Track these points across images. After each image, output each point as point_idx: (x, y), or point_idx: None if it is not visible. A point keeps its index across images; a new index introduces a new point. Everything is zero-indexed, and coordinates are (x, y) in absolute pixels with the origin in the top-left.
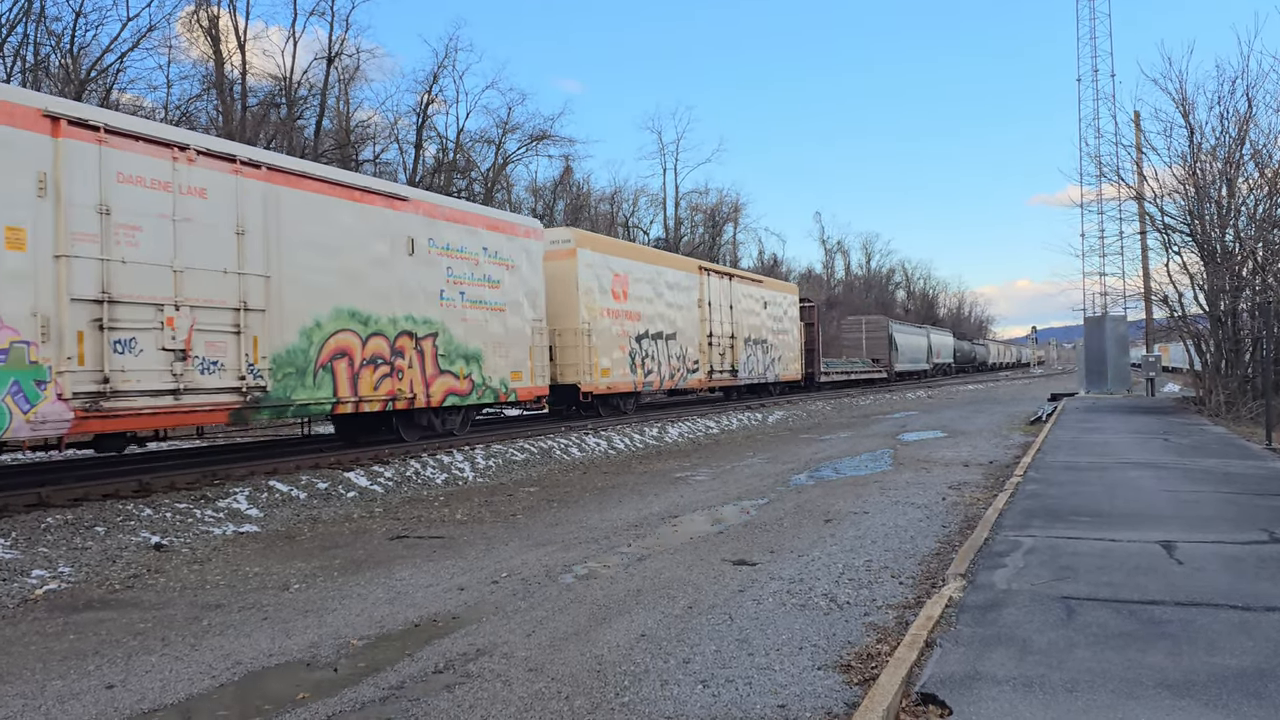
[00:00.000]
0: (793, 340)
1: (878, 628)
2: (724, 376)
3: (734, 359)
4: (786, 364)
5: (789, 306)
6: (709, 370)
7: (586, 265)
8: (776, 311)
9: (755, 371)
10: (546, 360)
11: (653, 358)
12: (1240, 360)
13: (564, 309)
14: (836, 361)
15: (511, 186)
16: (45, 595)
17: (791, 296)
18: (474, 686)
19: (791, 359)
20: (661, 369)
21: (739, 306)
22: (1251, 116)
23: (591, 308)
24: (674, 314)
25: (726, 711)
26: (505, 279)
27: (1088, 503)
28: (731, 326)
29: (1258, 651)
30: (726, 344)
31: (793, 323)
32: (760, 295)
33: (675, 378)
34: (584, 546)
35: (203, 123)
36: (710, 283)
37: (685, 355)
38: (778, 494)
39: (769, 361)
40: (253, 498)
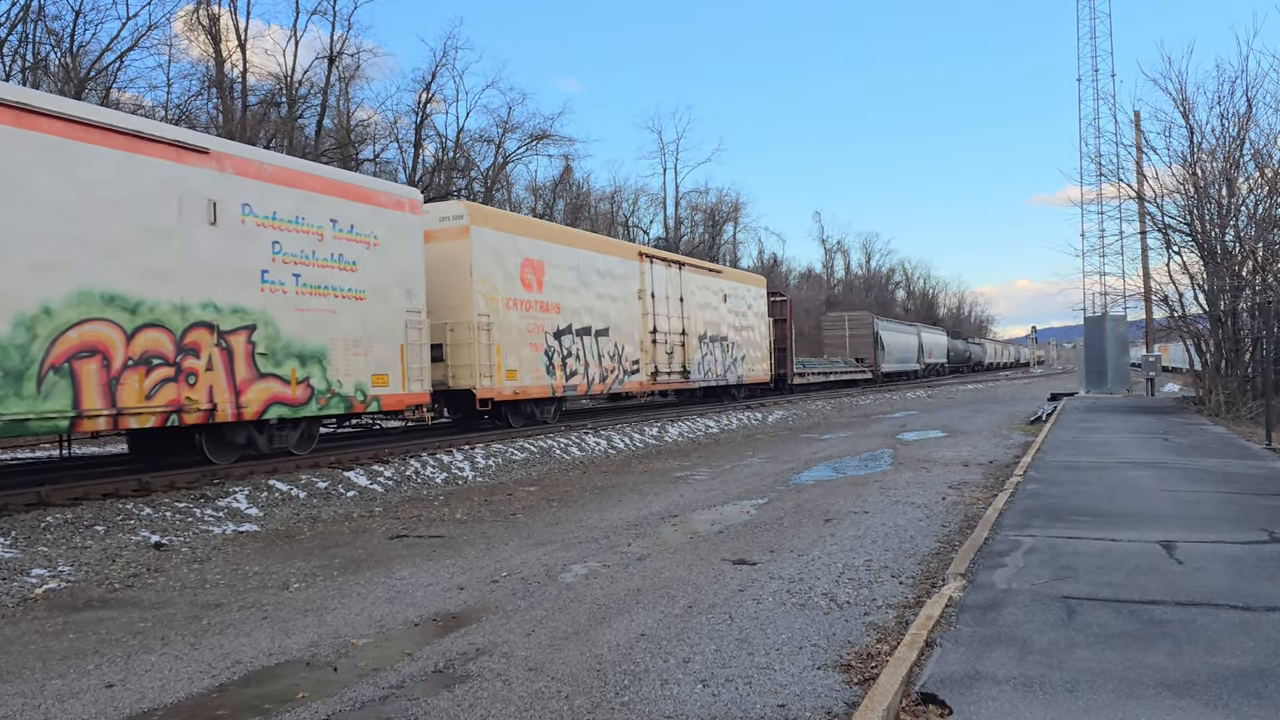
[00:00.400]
0: (759, 337)
1: (878, 627)
2: (672, 378)
3: (685, 358)
4: (752, 364)
5: (755, 300)
6: (652, 371)
7: (485, 246)
8: (739, 305)
9: (713, 372)
10: (427, 361)
11: (577, 357)
12: (1240, 360)
13: (456, 299)
14: (814, 361)
15: (511, 186)
16: (45, 594)
17: (758, 289)
18: (474, 686)
19: (758, 358)
20: (590, 370)
21: (692, 299)
22: (1251, 116)
23: (491, 297)
24: (607, 307)
25: (726, 711)
26: (366, 260)
27: (1088, 502)
28: (682, 322)
29: (1258, 651)
30: (675, 341)
31: (759, 318)
32: (719, 287)
33: (608, 380)
34: (584, 546)
35: (202, 121)
36: (654, 271)
37: (622, 354)
38: (778, 493)
39: (730, 361)
40: (252, 497)
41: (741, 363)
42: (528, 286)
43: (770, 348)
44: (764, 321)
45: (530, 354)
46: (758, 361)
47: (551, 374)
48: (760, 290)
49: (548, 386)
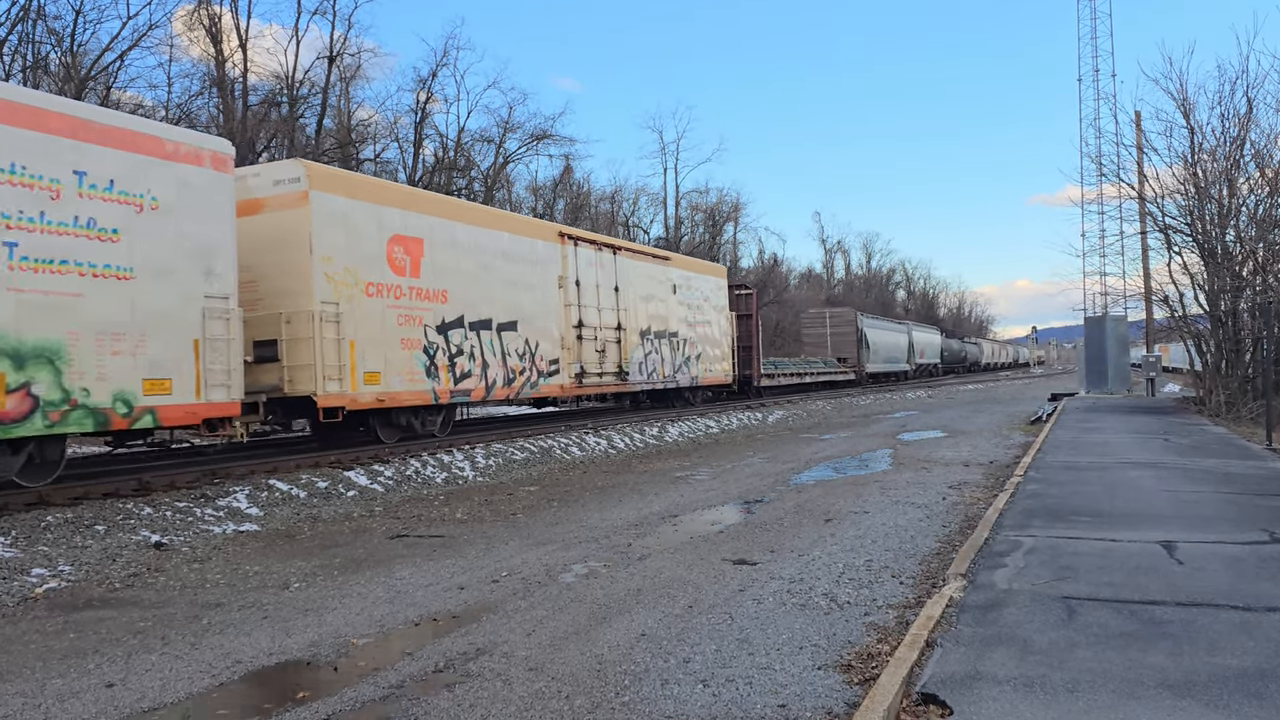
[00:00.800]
0: (719, 334)
1: (878, 627)
2: (604, 380)
3: (622, 357)
4: (710, 364)
5: (713, 292)
6: (577, 372)
7: (332, 217)
8: (693, 297)
9: (659, 373)
10: (237, 361)
11: (472, 355)
12: (1240, 360)
13: (294, 283)
14: (786, 361)
15: (512, 186)
16: (45, 594)
17: (717, 280)
18: (474, 686)
19: (717, 358)
20: (490, 371)
21: (632, 290)
22: (1252, 116)
23: (342, 281)
24: (516, 296)
25: (727, 711)
26: (136, 228)
27: (1088, 503)
28: (618, 315)
29: (1258, 652)
30: (609, 338)
31: (719, 312)
32: (667, 276)
33: (516, 383)
34: (584, 546)
35: (203, 121)
36: (580, 256)
37: (535, 352)
38: (778, 493)
39: (682, 361)
40: (253, 496)
41: (696, 362)
42: (399, 269)
43: (733, 346)
44: (725, 316)
45: (401, 353)
46: (717, 361)
47: (433, 376)
48: (720, 281)
49: (427, 391)
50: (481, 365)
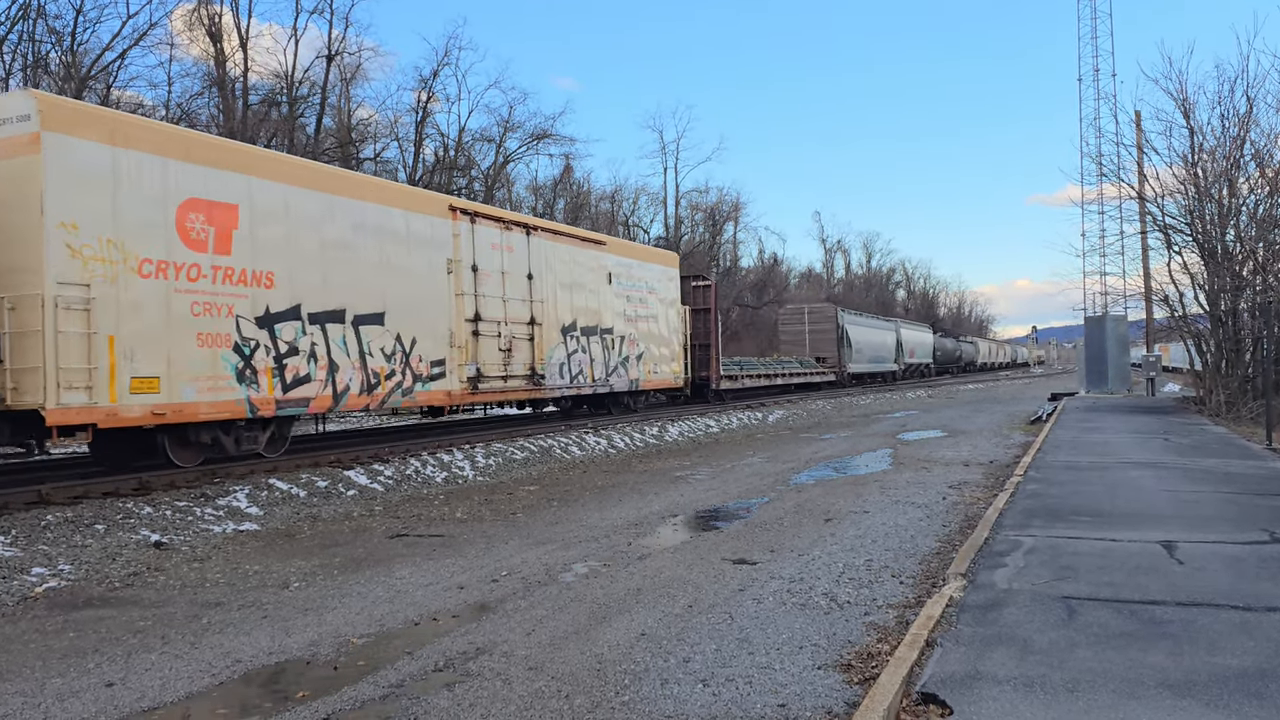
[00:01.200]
0: (667, 331)
1: (878, 627)
2: (510, 385)
3: (535, 357)
4: (656, 364)
5: (661, 282)
6: (472, 375)
7: (79, 169)
8: (635, 289)
9: (585, 376)
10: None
11: (311, 355)
12: (1240, 360)
13: (16, 256)
14: (754, 361)
15: (512, 185)
16: (45, 593)
17: (666, 269)
18: (474, 685)
19: (665, 358)
20: (341, 375)
21: (551, 277)
22: (1252, 116)
23: (94, 256)
24: (382, 281)
25: (727, 711)
26: None
27: (1088, 502)
28: (531, 307)
29: (1259, 651)
30: (518, 334)
31: (668, 306)
32: (602, 263)
33: (382, 389)
34: (584, 545)
35: (203, 120)
36: (478, 235)
37: (412, 352)
38: (778, 493)
39: (619, 361)
40: (252, 496)
41: (637, 363)
42: (197, 244)
43: (685, 344)
44: (675, 311)
45: (197, 352)
46: (664, 361)
47: (249, 382)
48: (670, 271)
49: (238, 401)
50: (327, 367)
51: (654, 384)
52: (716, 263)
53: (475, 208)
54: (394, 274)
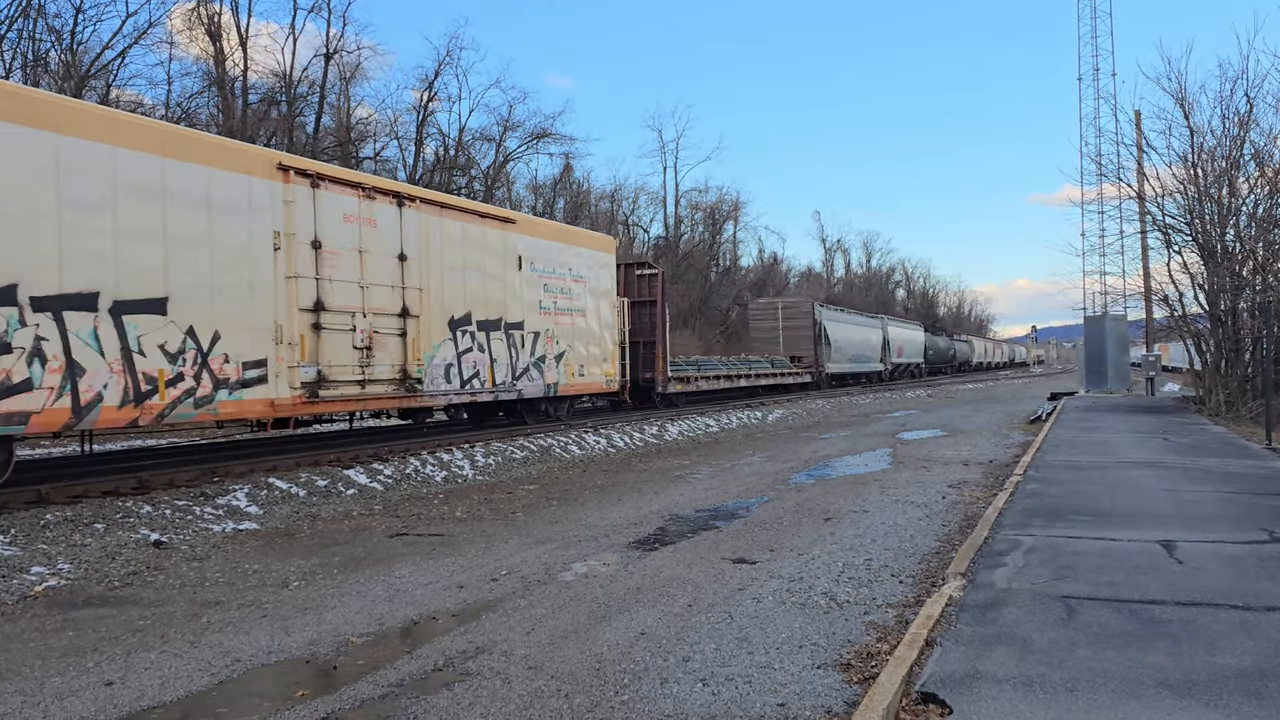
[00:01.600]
0: (598, 326)
1: (878, 626)
2: (368, 391)
3: (409, 357)
4: (583, 365)
5: (591, 270)
6: (309, 379)
7: None
8: (555, 276)
9: (484, 379)
10: None
11: (35, 353)
12: (1240, 360)
13: None
14: (713, 361)
15: (512, 184)
16: (44, 592)
17: (598, 254)
18: (473, 684)
19: (596, 357)
20: (87, 380)
21: (436, 259)
22: (1252, 116)
23: None
24: (164, 257)
25: (726, 710)
26: None
27: (1088, 502)
28: (403, 295)
29: (1258, 651)
30: (384, 328)
31: (600, 297)
32: (507, 244)
33: (159, 399)
34: (584, 544)
35: (203, 119)
36: (322, 203)
37: (211, 349)
38: (777, 492)
39: (530, 362)
40: (252, 495)
41: (558, 364)
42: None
43: (622, 341)
44: (610, 303)
45: None
46: (594, 362)
47: None
48: (604, 257)
49: None
50: (64, 370)
51: (580, 387)
52: (716, 262)
53: (318, 168)
54: (184, 248)
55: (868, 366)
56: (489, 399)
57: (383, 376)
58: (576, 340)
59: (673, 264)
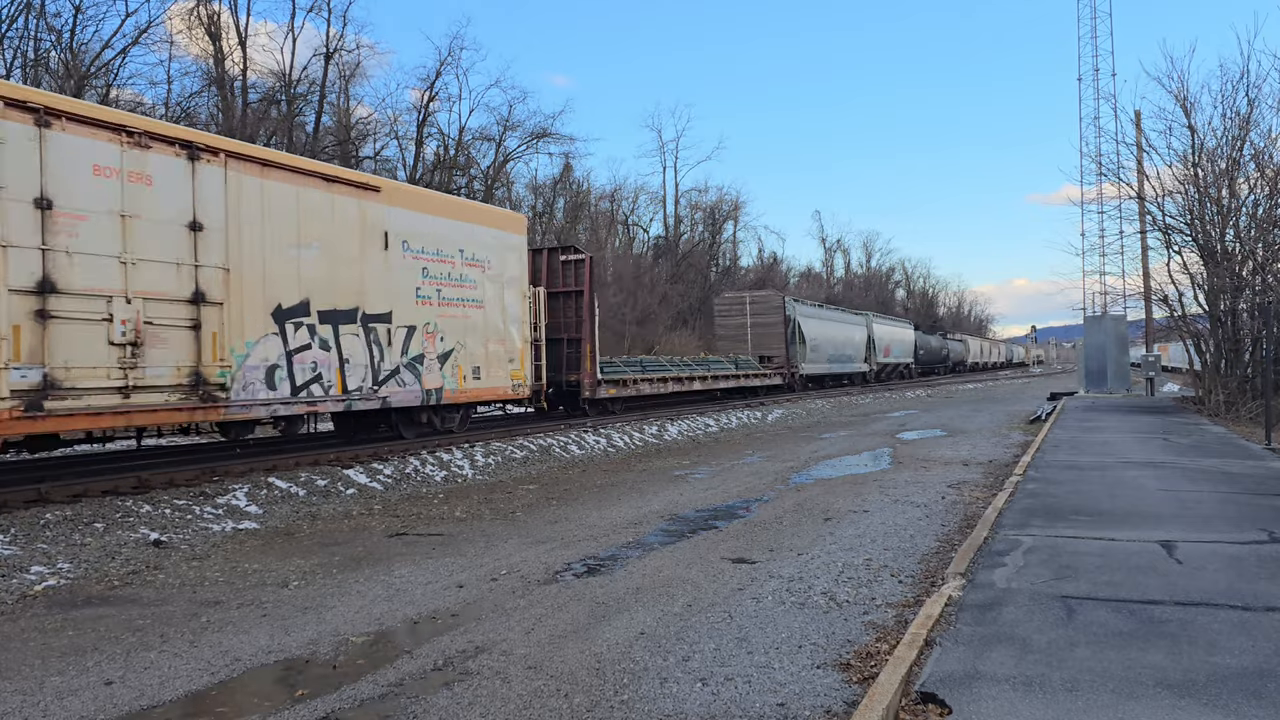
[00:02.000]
0: (502, 321)
1: (877, 626)
2: (140, 402)
3: (207, 357)
4: (482, 367)
5: (491, 253)
6: (31, 387)
7: None
8: (439, 258)
9: (333, 384)
10: None
11: None
12: (1240, 360)
13: None
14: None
15: (512, 184)
16: (44, 591)
17: (503, 235)
18: (473, 684)
19: (499, 357)
20: None
21: (255, 231)
22: (1252, 117)
23: None
24: None
25: (726, 710)
26: None
27: (1087, 502)
28: (196, 275)
29: (1258, 651)
30: (163, 318)
31: (505, 286)
32: (370, 218)
33: None
34: (584, 544)
35: (203, 119)
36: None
37: None
38: (777, 492)
39: (400, 363)
40: (252, 494)
41: (442, 366)
42: None
43: (538, 338)
44: (519, 293)
45: None
46: (497, 362)
47: None
48: (511, 238)
49: None
50: None
51: (475, 394)
52: (716, 262)
53: (49, 100)
54: None
55: (849, 367)
56: (337, 408)
57: (161, 382)
58: (470, 337)
59: (673, 264)
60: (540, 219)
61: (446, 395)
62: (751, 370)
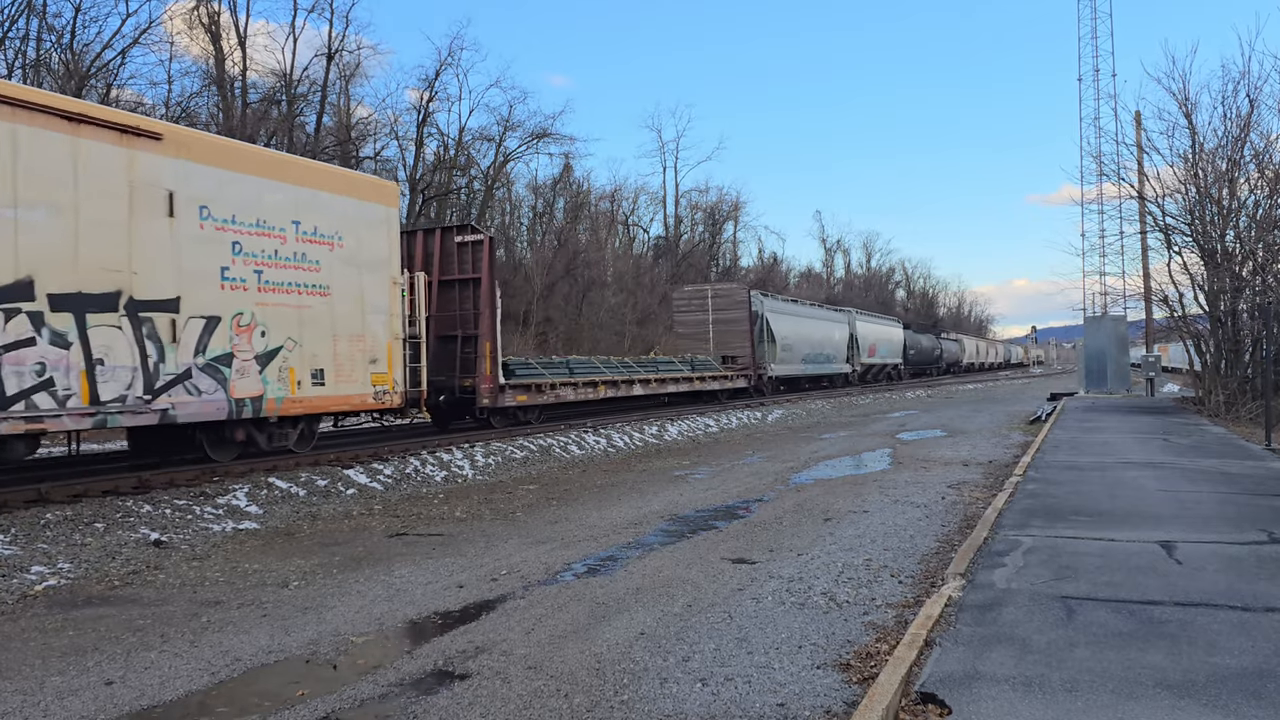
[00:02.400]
0: (357, 313)
1: (877, 627)
2: None
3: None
4: (324, 370)
5: (344, 227)
6: None
7: None
8: (261, 232)
9: (76, 394)
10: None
11: None
12: (1240, 361)
13: None
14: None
15: (512, 184)
16: (45, 591)
17: (362, 205)
18: (473, 684)
19: (355, 358)
20: None
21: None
22: (1253, 117)
23: None
24: None
25: (726, 710)
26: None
27: (1087, 502)
28: None
29: (1257, 651)
30: None
31: (365, 270)
32: (143, 173)
33: None
34: (584, 544)
35: (203, 119)
36: None
37: None
38: (777, 492)
39: (195, 365)
40: (252, 494)
41: (263, 368)
42: None
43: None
44: (385, 278)
45: None
46: (351, 365)
47: None
48: (375, 210)
49: None
50: None
51: (317, 403)
52: (716, 263)
53: None
54: None
55: (828, 368)
56: (82, 425)
57: None
58: (310, 331)
59: (673, 264)
60: (540, 219)
61: (270, 406)
62: (710, 372)
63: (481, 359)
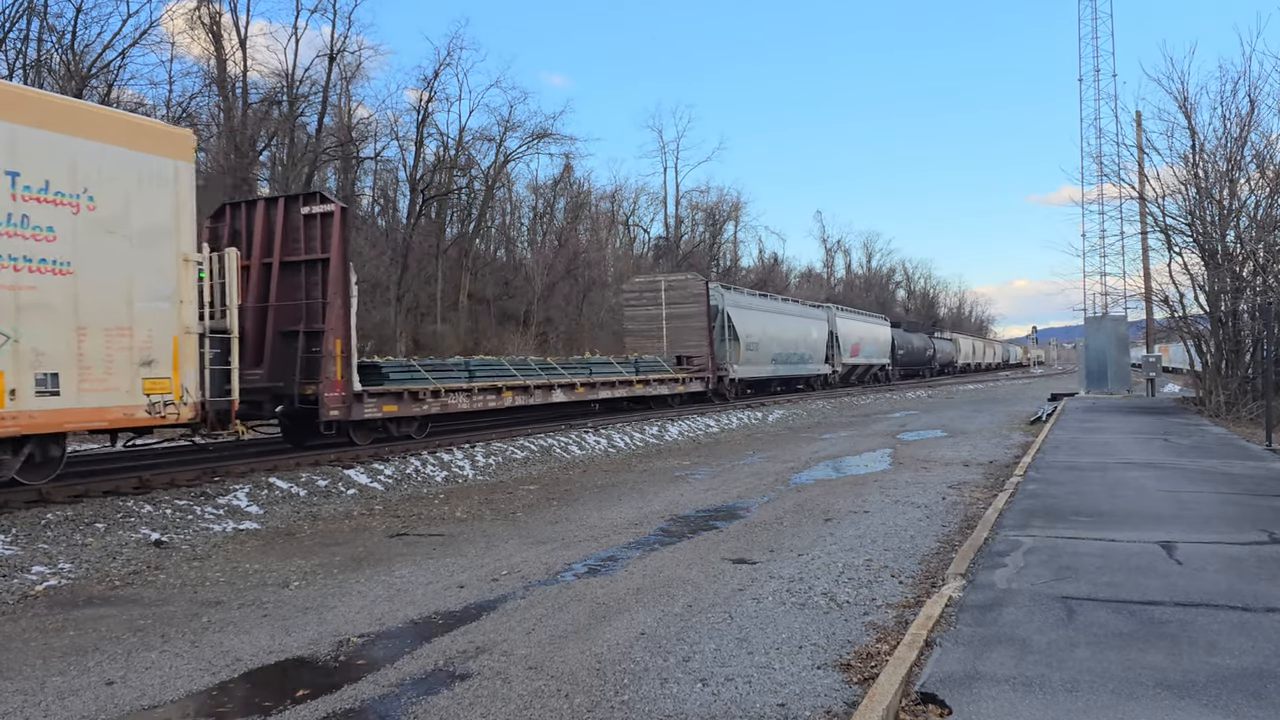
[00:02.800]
0: (116, 301)
1: (877, 627)
2: None
3: None
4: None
5: (99, 182)
6: None
7: None
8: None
9: None
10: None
11: None
12: (1240, 361)
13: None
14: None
15: (512, 184)
16: (45, 591)
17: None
18: (474, 684)
19: (114, 360)
20: None
21: None
22: (1253, 118)
23: None
24: None
25: (726, 710)
26: None
27: (1088, 503)
28: None
29: (1257, 652)
30: None
31: (136, 244)
32: None
33: None
34: (584, 544)
35: (203, 119)
36: None
37: None
38: (777, 493)
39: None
40: (253, 495)
41: None
42: None
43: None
44: (167, 254)
45: None
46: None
47: None
48: (150, 163)
49: None
50: None
51: (48, 420)
52: (717, 263)
53: None
54: None
55: (802, 369)
56: None
57: None
58: (38, 322)
59: (674, 264)
60: (541, 219)
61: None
62: (657, 374)
63: (329, 360)
